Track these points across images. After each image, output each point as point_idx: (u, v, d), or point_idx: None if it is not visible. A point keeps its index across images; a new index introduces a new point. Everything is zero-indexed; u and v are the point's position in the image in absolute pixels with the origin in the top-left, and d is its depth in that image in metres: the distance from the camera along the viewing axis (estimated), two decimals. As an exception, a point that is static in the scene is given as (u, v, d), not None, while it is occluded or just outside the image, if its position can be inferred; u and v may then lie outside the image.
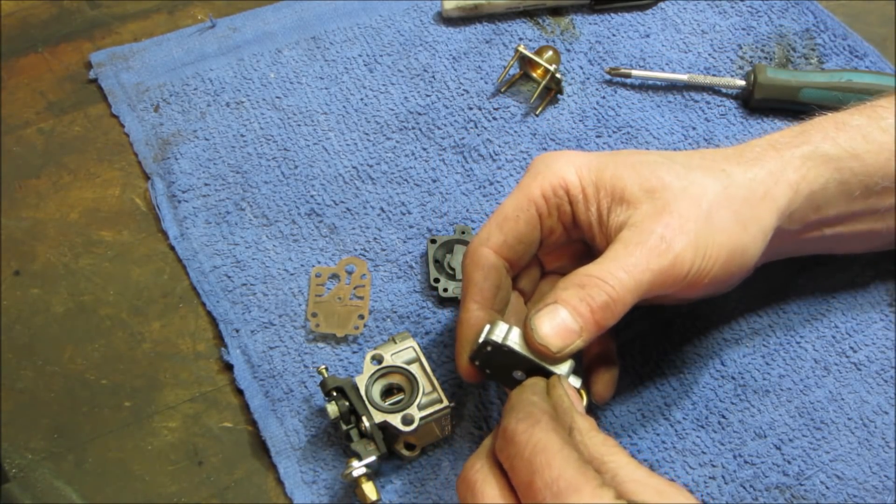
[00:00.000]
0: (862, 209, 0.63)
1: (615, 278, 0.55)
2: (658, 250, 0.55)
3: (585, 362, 0.62)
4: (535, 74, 0.83)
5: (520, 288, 0.64)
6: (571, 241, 0.62)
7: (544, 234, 0.61)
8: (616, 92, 0.83)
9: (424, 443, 0.62)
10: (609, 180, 0.59)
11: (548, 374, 0.56)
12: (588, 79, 0.83)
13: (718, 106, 0.82)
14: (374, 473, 0.60)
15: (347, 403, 0.61)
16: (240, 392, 0.66)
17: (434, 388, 0.62)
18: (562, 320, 0.55)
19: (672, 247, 0.56)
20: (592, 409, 0.64)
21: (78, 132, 0.80)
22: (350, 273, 0.71)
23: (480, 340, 0.56)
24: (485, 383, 0.65)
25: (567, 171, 0.60)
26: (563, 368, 0.56)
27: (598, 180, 0.59)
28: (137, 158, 0.78)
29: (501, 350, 0.56)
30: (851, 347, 0.68)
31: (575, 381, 0.56)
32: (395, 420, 0.60)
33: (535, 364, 0.56)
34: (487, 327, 0.56)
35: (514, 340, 0.56)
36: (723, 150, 0.62)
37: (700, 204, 0.57)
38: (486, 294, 0.60)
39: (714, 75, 0.83)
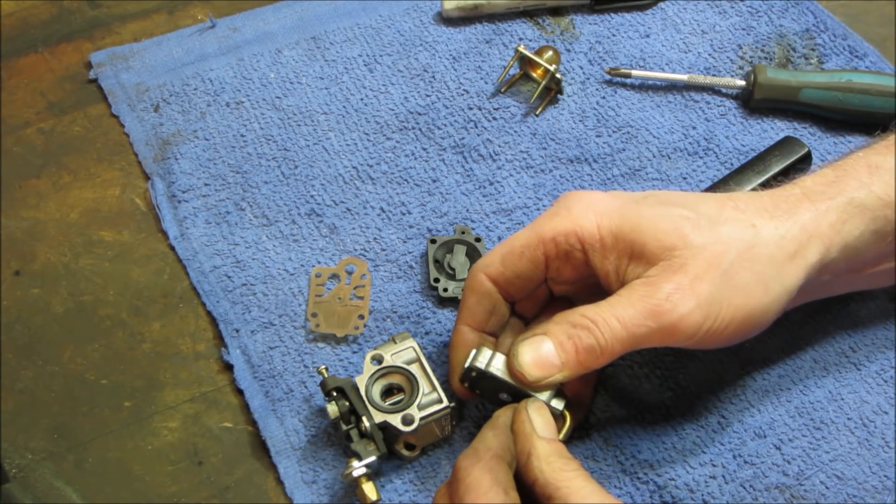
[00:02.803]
0: (893, 250, 0.62)
1: (608, 326, 0.55)
2: (660, 309, 0.54)
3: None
4: (535, 74, 0.83)
5: (521, 311, 0.64)
6: (582, 277, 0.61)
7: (551, 273, 0.61)
8: (616, 92, 0.83)
9: (424, 443, 0.62)
10: (629, 234, 0.57)
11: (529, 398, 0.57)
12: (588, 79, 0.83)
13: (718, 106, 0.82)
14: (374, 473, 0.60)
15: (347, 403, 0.61)
16: (240, 392, 0.66)
17: (434, 388, 0.62)
18: (545, 352, 0.56)
19: (677, 308, 0.54)
20: (593, 411, 0.64)
21: (78, 132, 0.80)
22: (350, 273, 0.71)
23: (466, 366, 0.58)
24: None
25: (586, 218, 0.58)
26: (545, 394, 0.57)
27: (617, 231, 0.57)
28: (137, 158, 0.78)
29: (485, 375, 0.58)
30: (851, 347, 0.68)
31: (557, 404, 0.57)
32: (395, 420, 0.60)
33: (517, 389, 0.57)
34: (473, 353, 0.58)
35: (497, 367, 0.58)
36: (757, 199, 0.60)
37: (720, 264, 0.56)
38: (478, 318, 0.61)
39: (714, 75, 0.83)
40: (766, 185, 0.70)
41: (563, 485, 0.51)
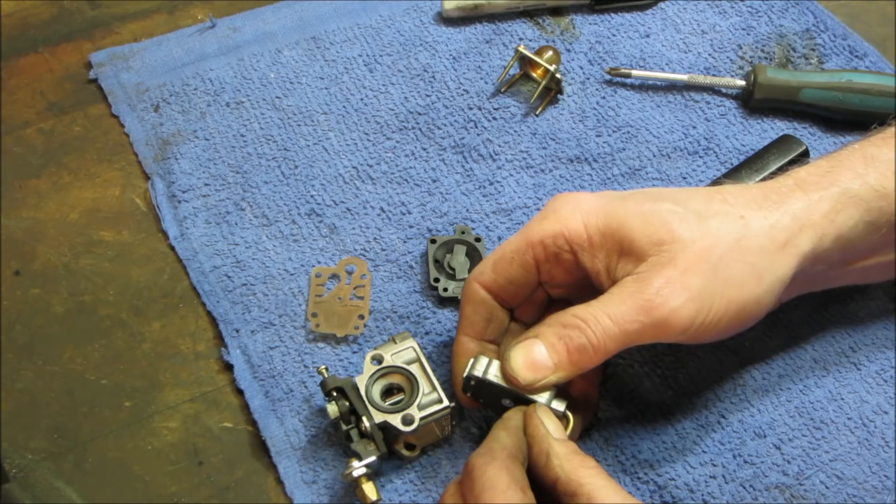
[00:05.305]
0: (887, 241, 0.62)
1: (599, 325, 0.55)
2: (652, 304, 0.54)
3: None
4: (535, 74, 0.83)
5: (521, 316, 0.64)
6: (576, 279, 0.61)
7: (544, 276, 0.61)
8: (616, 92, 0.83)
9: (424, 443, 0.62)
10: (617, 230, 0.57)
11: (531, 402, 0.57)
12: (588, 79, 0.83)
13: (718, 106, 0.82)
14: (374, 473, 0.60)
15: (347, 403, 0.61)
16: (240, 392, 0.66)
17: (434, 388, 0.62)
18: (536, 354, 0.56)
19: (668, 302, 0.54)
20: (595, 412, 0.64)
21: (78, 132, 0.80)
22: (350, 273, 0.71)
23: (464, 375, 0.58)
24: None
25: (572, 219, 0.58)
26: (544, 396, 0.57)
27: (605, 229, 0.57)
28: (137, 158, 0.78)
29: (484, 383, 0.58)
30: (851, 347, 0.68)
31: (559, 405, 0.57)
32: (395, 420, 0.60)
33: (516, 393, 0.57)
34: (471, 362, 0.58)
35: (495, 374, 0.58)
36: (747, 191, 0.60)
37: (709, 257, 0.55)
38: (477, 327, 0.61)
39: (714, 75, 0.83)
40: (763, 183, 0.70)
41: (585, 482, 0.52)
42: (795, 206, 0.59)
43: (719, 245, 0.56)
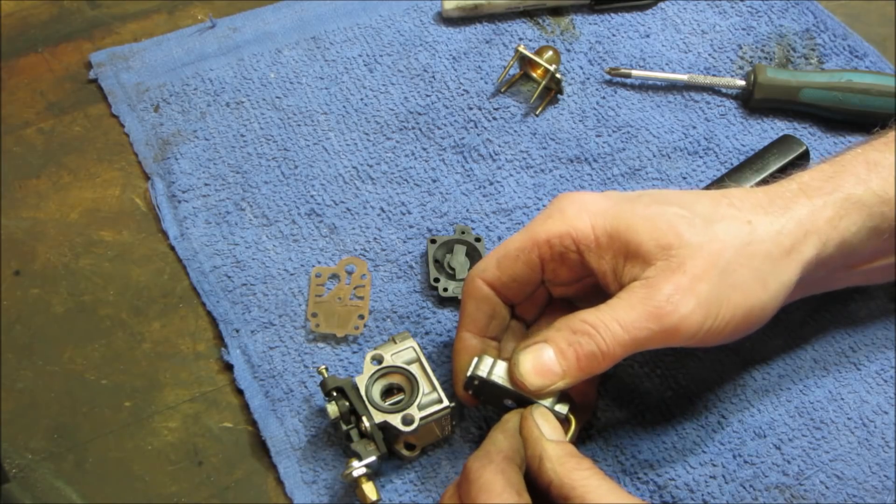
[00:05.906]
0: (890, 246, 0.62)
1: (609, 331, 0.54)
2: (662, 311, 0.54)
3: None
4: (535, 74, 0.83)
5: (522, 314, 0.64)
6: (580, 278, 0.61)
7: (548, 275, 0.61)
8: (616, 92, 0.83)
9: (424, 443, 0.62)
10: (624, 233, 0.57)
11: (534, 403, 0.57)
12: (588, 79, 0.83)
13: (718, 106, 0.82)
14: (374, 473, 0.60)
15: (347, 403, 0.61)
16: (240, 392, 0.66)
17: (434, 388, 0.62)
18: (545, 360, 0.56)
19: (678, 309, 0.54)
20: (594, 412, 0.64)
21: (78, 132, 0.80)
22: (350, 273, 0.71)
23: (468, 374, 0.58)
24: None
25: (579, 219, 0.58)
26: (548, 399, 0.57)
27: (612, 231, 0.57)
28: (137, 158, 0.78)
29: (488, 383, 0.58)
30: (851, 347, 0.68)
31: (561, 408, 0.57)
32: (395, 420, 0.60)
33: (519, 395, 0.57)
34: (475, 361, 0.58)
35: (499, 374, 0.57)
36: (752, 195, 0.60)
37: (717, 262, 0.55)
38: (479, 323, 0.61)
39: (714, 75, 0.83)
40: (763, 184, 0.70)
41: (578, 484, 0.52)
42: (800, 212, 0.58)
43: (727, 250, 0.56)
